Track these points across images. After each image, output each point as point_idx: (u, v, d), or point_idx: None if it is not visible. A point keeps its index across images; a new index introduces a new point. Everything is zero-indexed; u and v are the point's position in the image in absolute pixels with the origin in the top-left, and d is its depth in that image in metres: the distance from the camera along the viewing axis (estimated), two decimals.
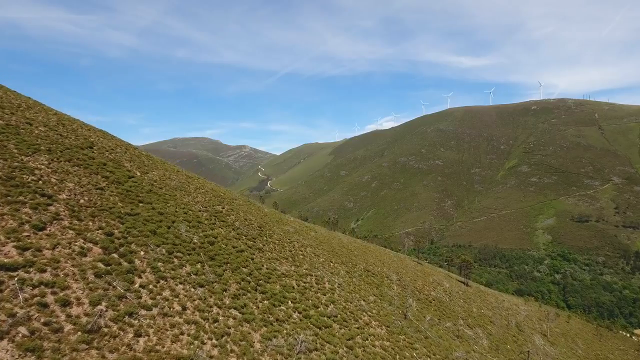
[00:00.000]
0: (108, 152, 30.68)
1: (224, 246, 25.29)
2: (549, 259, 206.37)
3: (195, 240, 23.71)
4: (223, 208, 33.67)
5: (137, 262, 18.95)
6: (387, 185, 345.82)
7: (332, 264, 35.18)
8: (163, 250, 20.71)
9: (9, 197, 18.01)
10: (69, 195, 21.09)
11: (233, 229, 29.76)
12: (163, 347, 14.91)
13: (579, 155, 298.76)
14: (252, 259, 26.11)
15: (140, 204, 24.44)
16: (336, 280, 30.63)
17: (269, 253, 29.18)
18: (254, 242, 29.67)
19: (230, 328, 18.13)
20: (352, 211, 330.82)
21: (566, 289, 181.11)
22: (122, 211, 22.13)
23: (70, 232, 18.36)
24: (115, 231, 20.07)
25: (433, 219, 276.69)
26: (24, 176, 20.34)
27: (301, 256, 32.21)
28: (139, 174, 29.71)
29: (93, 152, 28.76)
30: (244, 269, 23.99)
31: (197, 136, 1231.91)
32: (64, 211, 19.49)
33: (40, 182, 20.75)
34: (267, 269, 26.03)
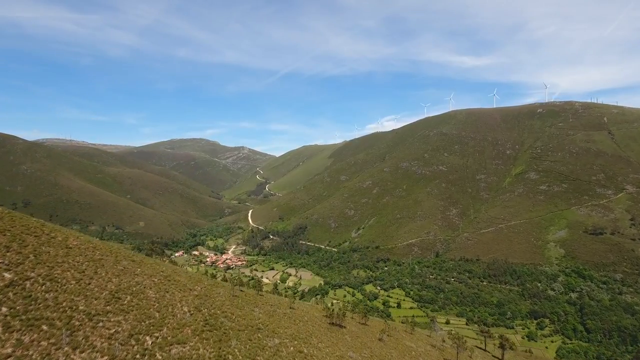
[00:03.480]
0: None
1: None
2: (563, 275, 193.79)
3: None
4: None
5: None
6: (389, 192, 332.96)
7: None
8: None
9: None
10: None
11: None
12: None
13: (590, 162, 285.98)
14: None
15: None
16: None
17: None
18: None
19: None
20: (353, 219, 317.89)
21: (583, 310, 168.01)
22: None
23: None
24: None
25: (438, 228, 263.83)
26: None
27: None
28: None
29: None
30: None
31: (196, 137, 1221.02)
32: None
33: None
34: None
